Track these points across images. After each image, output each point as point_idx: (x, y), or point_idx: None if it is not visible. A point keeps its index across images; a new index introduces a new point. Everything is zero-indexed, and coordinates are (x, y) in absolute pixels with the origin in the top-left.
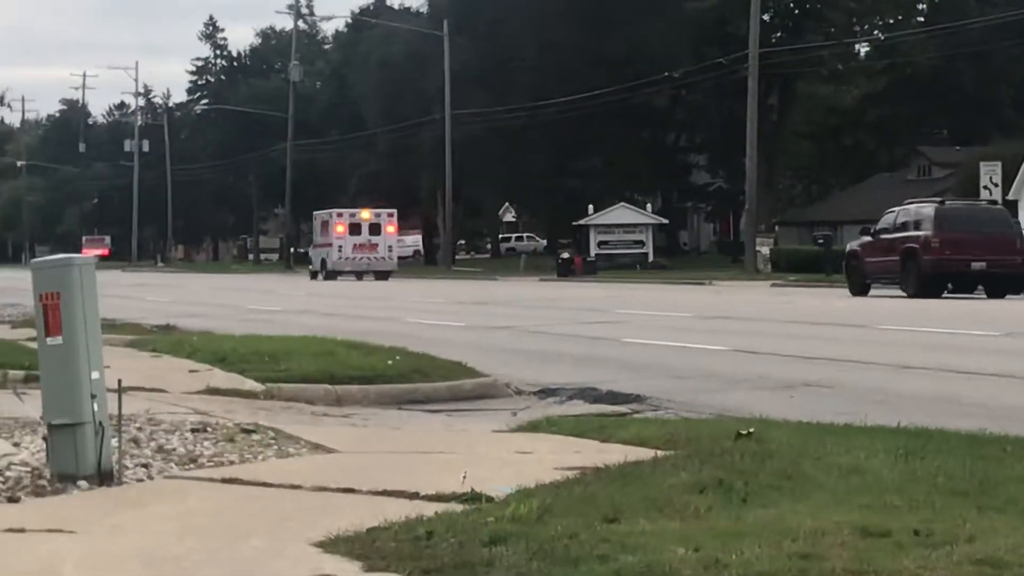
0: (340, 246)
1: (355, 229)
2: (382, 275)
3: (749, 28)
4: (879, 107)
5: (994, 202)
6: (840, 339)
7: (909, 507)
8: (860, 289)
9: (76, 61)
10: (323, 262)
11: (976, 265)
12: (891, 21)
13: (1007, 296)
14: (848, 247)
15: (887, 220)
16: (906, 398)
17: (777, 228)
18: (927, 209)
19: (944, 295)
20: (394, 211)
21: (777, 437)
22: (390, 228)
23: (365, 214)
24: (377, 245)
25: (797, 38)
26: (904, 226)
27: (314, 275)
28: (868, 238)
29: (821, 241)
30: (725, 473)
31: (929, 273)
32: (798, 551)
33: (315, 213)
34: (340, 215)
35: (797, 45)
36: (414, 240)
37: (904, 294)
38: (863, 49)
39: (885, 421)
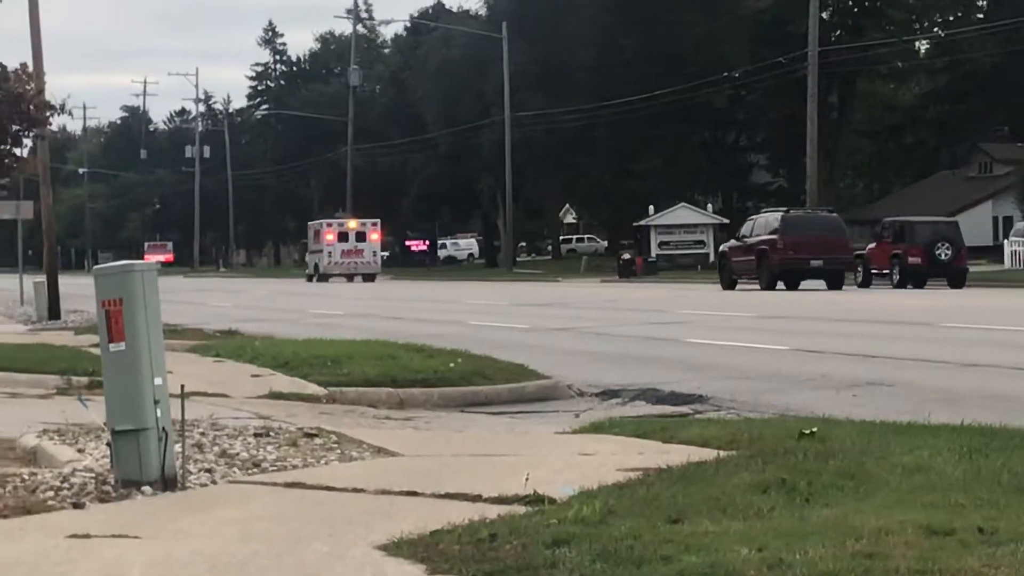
0: (330, 252)
1: (343, 237)
2: (369, 277)
3: (808, 27)
4: (939, 104)
5: (831, 211)
6: (903, 337)
7: (973, 505)
8: (729, 284)
9: (137, 68)
10: (316, 266)
11: (815, 263)
12: (951, 18)
13: (843, 288)
14: (720, 248)
15: (747, 227)
16: (970, 396)
17: None
18: (776, 217)
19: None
20: (378, 220)
21: (840, 436)
22: (374, 236)
23: (352, 223)
24: (363, 251)
25: (857, 36)
26: (760, 232)
27: (310, 278)
28: (735, 242)
29: None
30: (788, 473)
31: (776, 270)
32: (862, 550)
33: (309, 223)
34: (330, 225)
35: (857, 43)
36: (468, 244)
37: (759, 287)
38: (923, 46)
39: (948, 419)
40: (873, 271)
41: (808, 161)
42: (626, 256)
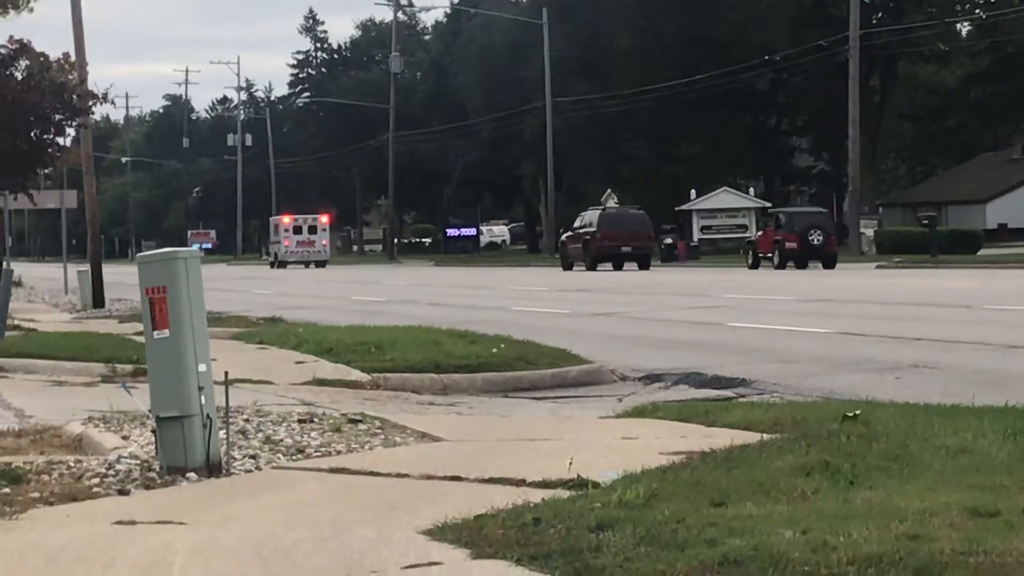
0: (287, 242)
1: (298, 230)
2: (320, 264)
3: (849, 9)
4: (982, 86)
5: (639, 209)
6: (947, 320)
7: (1018, 487)
8: (567, 266)
9: (178, 57)
10: (275, 254)
11: (624, 248)
12: (992, 0)
13: (650, 268)
14: (560, 237)
15: (578, 221)
16: (1014, 378)
17: (881, 210)
18: (595, 214)
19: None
20: (328, 215)
21: (883, 419)
22: (323, 229)
23: (302, 216)
24: (314, 241)
25: (898, 18)
26: (586, 224)
27: (272, 265)
28: (570, 232)
29: (926, 222)
30: (832, 456)
31: (596, 254)
32: (906, 532)
33: (270, 219)
34: (286, 219)
35: (898, 26)
36: (500, 231)
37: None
38: (965, 28)
39: (992, 401)
40: (760, 255)
41: (850, 144)
42: (668, 240)
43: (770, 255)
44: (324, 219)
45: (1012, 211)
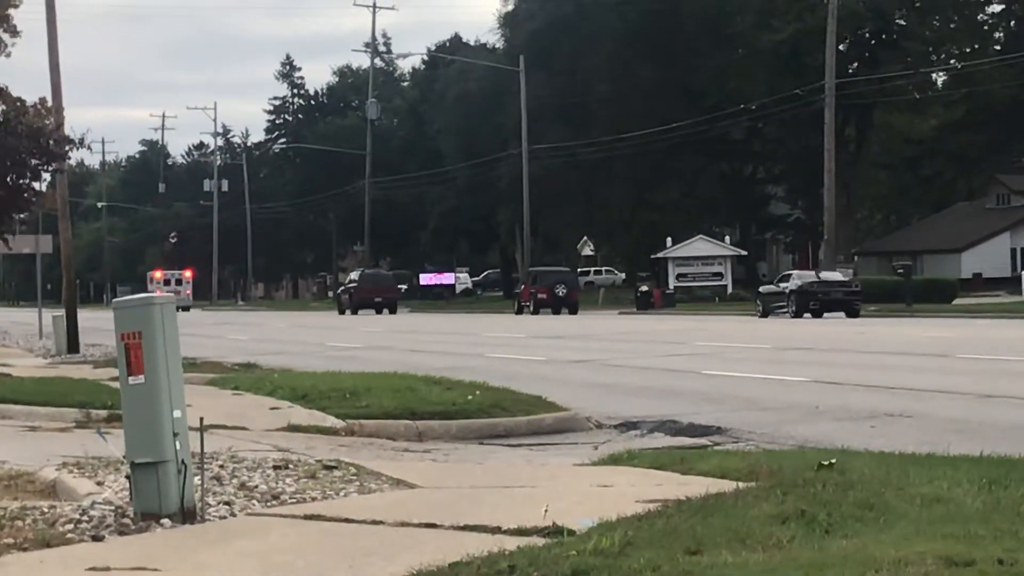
0: (159, 291)
1: (167, 282)
2: (184, 308)
3: (825, 58)
4: (957, 136)
5: (389, 271)
6: (922, 369)
7: (993, 536)
8: (340, 311)
9: (155, 102)
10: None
11: (377, 299)
12: (967, 50)
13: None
14: (339, 289)
15: (348, 278)
16: (988, 427)
17: (856, 258)
18: (357, 273)
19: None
20: (190, 270)
21: (859, 467)
22: (186, 281)
23: (159, 272)
24: (180, 291)
25: (874, 68)
26: (351, 281)
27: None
28: (342, 287)
29: (901, 271)
30: (807, 504)
31: (356, 302)
32: None
33: (147, 273)
34: (158, 274)
35: (874, 75)
36: (464, 277)
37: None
38: (940, 78)
39: (967, 450)
40: (523, 304)
41: (825, 193)
42: (644, 288)
43: (528, 303)
44: (187, 274)
45: (987, 261)
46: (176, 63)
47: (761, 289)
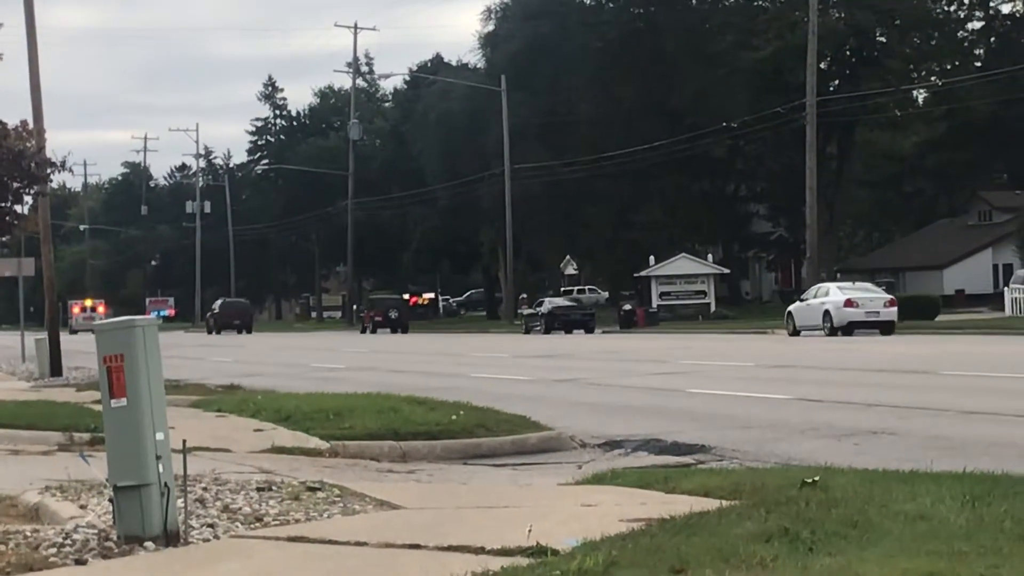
0: (77, 317)
1: (84, 309)
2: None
3: (806, 77)
4: (938, 153)
5: (244, 300)
6: (905, 386)
7: (977, 553)
8: (209, 331)
9: (136, 124)
10: (70, 324)
11: (235, 322)
12: (948, 67)
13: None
14: (207, 313)
15: (215, 304)
16: (972, 443)
17: (839, 276)
18: (219, 302)
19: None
20: (103, 304)
21: (842, 485)
22: (100, 309)
23: (88, 302)
24: (93, 317)
25: (855, 86)
26: (217, 307)
27: (72, 332)
28: (210, 312)
29: (883, 288)
30: (791, 522)
31: (219, 324)
32: None
33: (69, 302)
34: (76, 303)
35: (855, 93)
36: (429, 298)
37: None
38: (921, 95)
39: (951, 466)
40: (365, 325)
41: (808, 211)
42: (627, 307)
43: (368, 324)
44: (101, 308)
45: (969, 277)
46: (157, 85)
47: (525, 312)
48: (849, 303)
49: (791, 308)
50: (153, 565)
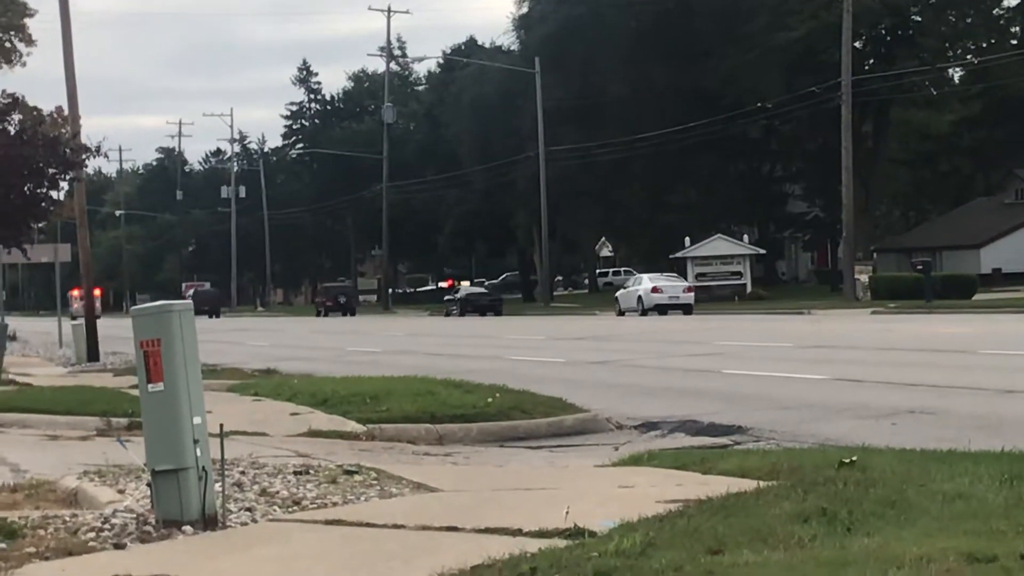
0: (75, 304)
1: (82, 298)
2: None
3: (841, 56)
4: (974, 131)
5: (217, 289)
6: (942, 365)
7: (1015, 531)
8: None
9: (171, 109)
10: (71, 310)
11: (205, 308)
12: (984, 45)
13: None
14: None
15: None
16: (1009, 423)
17: (875, 255)
18: (194, 290)
19: None
20: (98, 288)
21: (880, 465)
22: (96, 292)
23: (77, 290)
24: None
25: (890, 65)
26: (190, 296)
27: (73, 318)
28: (187, 299)
29: (920, 267)
30: (828, 502)
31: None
32: None
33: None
34: (75, 290)
35: (890, 72)
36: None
37: None
38: (957, 74)
39: (988, 446)
40: (319, 310)
41: (844, 190)
42: None
43: (321, 308)
44: (97, 292)
45: (1006, 256)
46: (191, 70)
47: (446, 298)
48: (655, 289)
49: (617, 294)
50: (192, 549)
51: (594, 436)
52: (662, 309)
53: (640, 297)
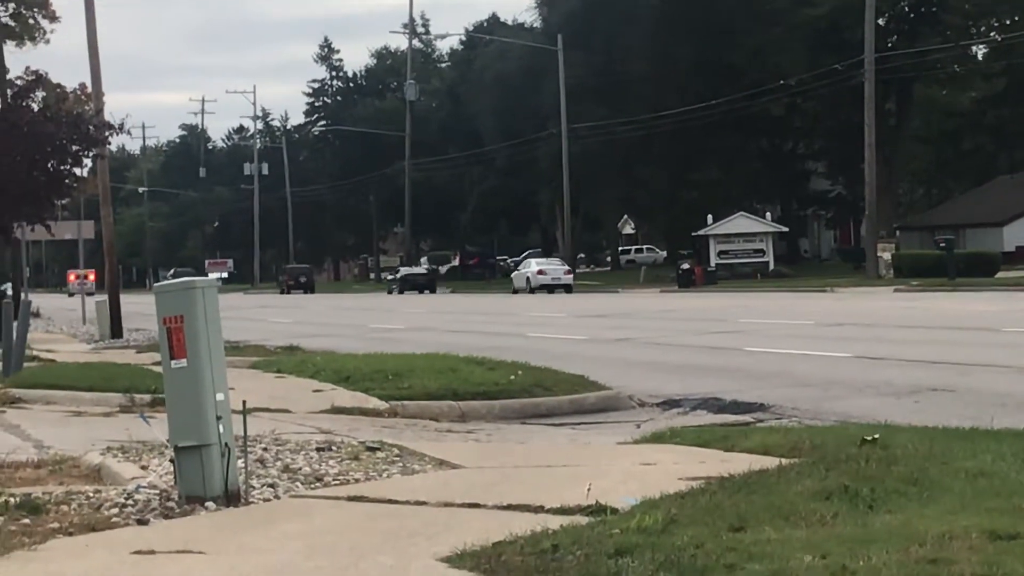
0: (72, 284)
1: (78, 277)
2: (90, 293)
3: (864, 33)
4: (998, 109)
5: (189, 271)
6: (964, 343)
7: None
8: None
9: (193, 86)
10: (69, 289)
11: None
12: (1008, 22)
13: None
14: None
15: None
16: None
17: (898, 233)
18: (171, 273)
19: None
20: (93, 269)
21: (902, 442)
22: (91, 277)
23: (73, 274)
24: (85, 284)
25: (913, 42)
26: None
27: (69, 295)
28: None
29: (943, 245)
30: (851, 480)
31: None
32: (926, 556)
33: (69, 271)
34: (72, 272)
35: (913, 49)
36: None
37: None
38: (980, 51)
39: (1011, 424)
40: (282, 290)
41: (866, 168)
42: (685, 266)
43: (284, 287)
44: (91, 276)
45: None
46: (213, 46)
47: (384, 276)
48: (541, 272)
49: (512, 275)
50: (215, 525)
51: (616, 413)
52: (549, 288)
53: (528, 278)
